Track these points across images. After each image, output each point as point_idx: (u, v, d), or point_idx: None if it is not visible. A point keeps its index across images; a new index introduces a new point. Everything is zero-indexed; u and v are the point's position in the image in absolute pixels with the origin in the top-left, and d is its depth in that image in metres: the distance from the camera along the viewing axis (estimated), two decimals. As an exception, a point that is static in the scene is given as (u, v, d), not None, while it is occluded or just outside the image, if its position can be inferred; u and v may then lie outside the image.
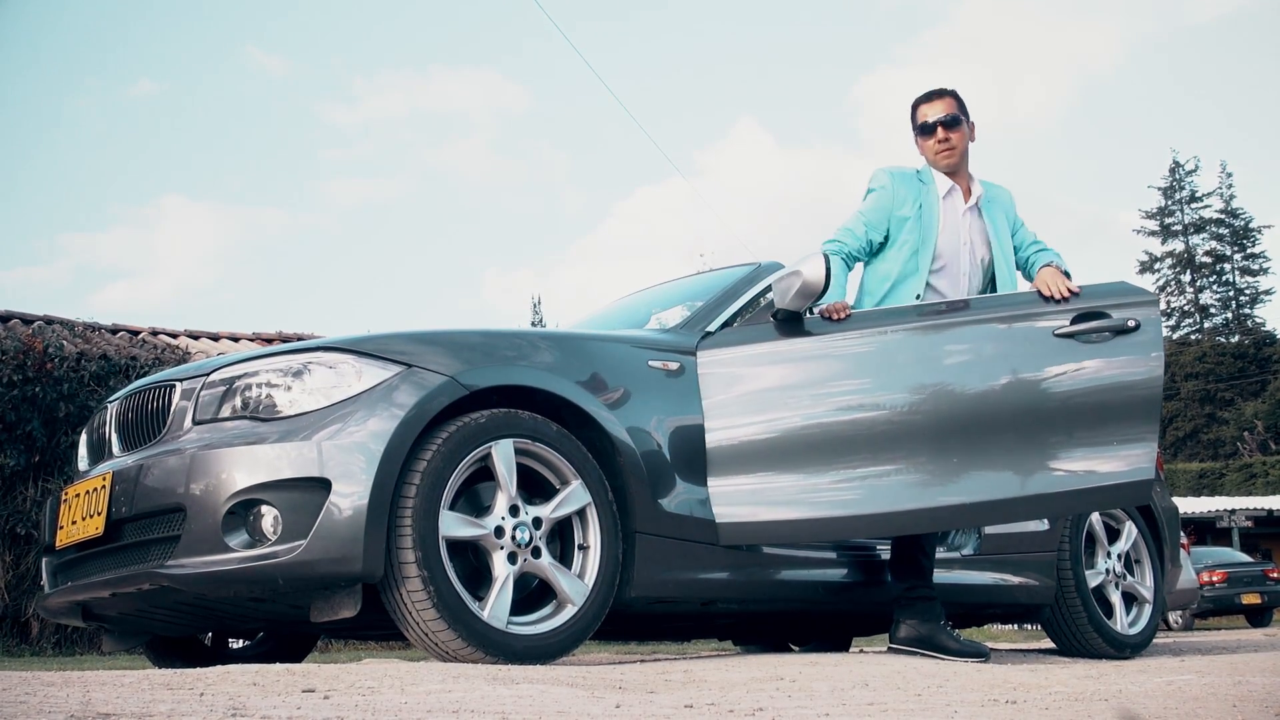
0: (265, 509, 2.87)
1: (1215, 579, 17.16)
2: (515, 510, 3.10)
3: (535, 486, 3.21)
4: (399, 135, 71.60)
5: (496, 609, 2.99)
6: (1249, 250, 51.40)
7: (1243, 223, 51.21)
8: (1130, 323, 3.60)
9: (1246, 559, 19.16)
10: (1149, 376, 3.58)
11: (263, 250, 71.83)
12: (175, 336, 11.41)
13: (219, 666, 2.65)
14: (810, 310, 3.61)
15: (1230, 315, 51.45)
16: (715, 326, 3.75)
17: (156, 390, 3.23)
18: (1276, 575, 17.69)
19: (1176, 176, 51.97)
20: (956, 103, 3.93)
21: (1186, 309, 52.11)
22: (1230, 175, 52.77)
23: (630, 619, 3.71)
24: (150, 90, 67.30)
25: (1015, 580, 4.30)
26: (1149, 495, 3.60)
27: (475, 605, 2.96)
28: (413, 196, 72.02)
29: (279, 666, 2.63)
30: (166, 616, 3.26)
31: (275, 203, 71.53)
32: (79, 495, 3.21)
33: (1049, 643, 5.19)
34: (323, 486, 2.85)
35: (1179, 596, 5.35)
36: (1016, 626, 14.21)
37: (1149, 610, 4.71)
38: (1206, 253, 51.55)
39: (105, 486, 3.08)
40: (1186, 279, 51.79)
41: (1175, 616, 16.90)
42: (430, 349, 3.13)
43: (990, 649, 3.80)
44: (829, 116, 77.36)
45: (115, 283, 70.92)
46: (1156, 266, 51.99)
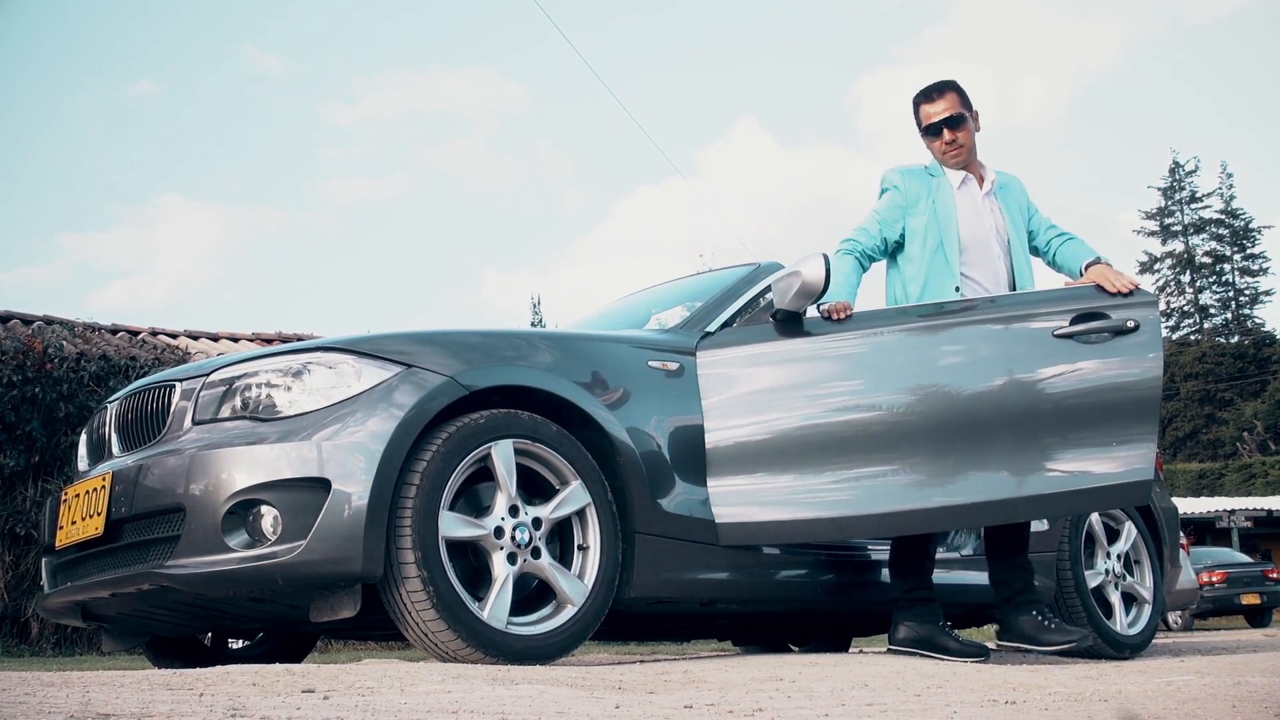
0: (265, 509, 2.87)
1: (1215, 579, 17.16)
2: (515, 511, 3.10)
3: (535, 487, 3.21)
4: (398, 135, 71.66)
5: (496, 609, 2.99)
6: (1249, 251, 51.43)
7: (1243, 223, 51.23)
8: (1129, 323, 3.61)
9: (1246, 559, 19.17)
10: (1148, 377, 3.58)
11: (262, 250, 71.88)
12: (175, 337, 11.42)
13: (219, 667, 2.65)
14: (818, 307, 3.61)
15: (1230, 316, 51.47)
16: (715, 327, 3.75)
17: (156, 390, 3.23)
18: (1276, 576, 17.70)
19: (1176, 177, 52.01)
20: (959, 96, 3.90)
21: (1186, 309, 52.14)
22: (1231, 176, 52.83)
23: (630, 619, 3.71)
24: (149, 90, 67.34)
25: (1015, 580, 4.29)
26: (1148, 496, 3.60)
27: (475, 605, 2.96)
28: (412, 196, 72.07)
29: (279, 667, 2.63)
30: (166, 617, 3.26)
31: (274, 202, 71.58)
32: (79, 495, 3.21)
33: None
34: (322, 487, 2.85)
35: (1178, 597, 5.35)
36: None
37: (1148, 611, 4.71)
38: (1206, 253, 51.57)
39: (105, 487, 3.08)
40: (1186, 279, 51.82)
41: (1175, 617, 16.89)
42: (430, 349, 3.13)
43: (990, 649, 3.79)
44: (829, 116, 77.44)
45: (114, 282, 70.97)
46: (1156, 267, 52.02)
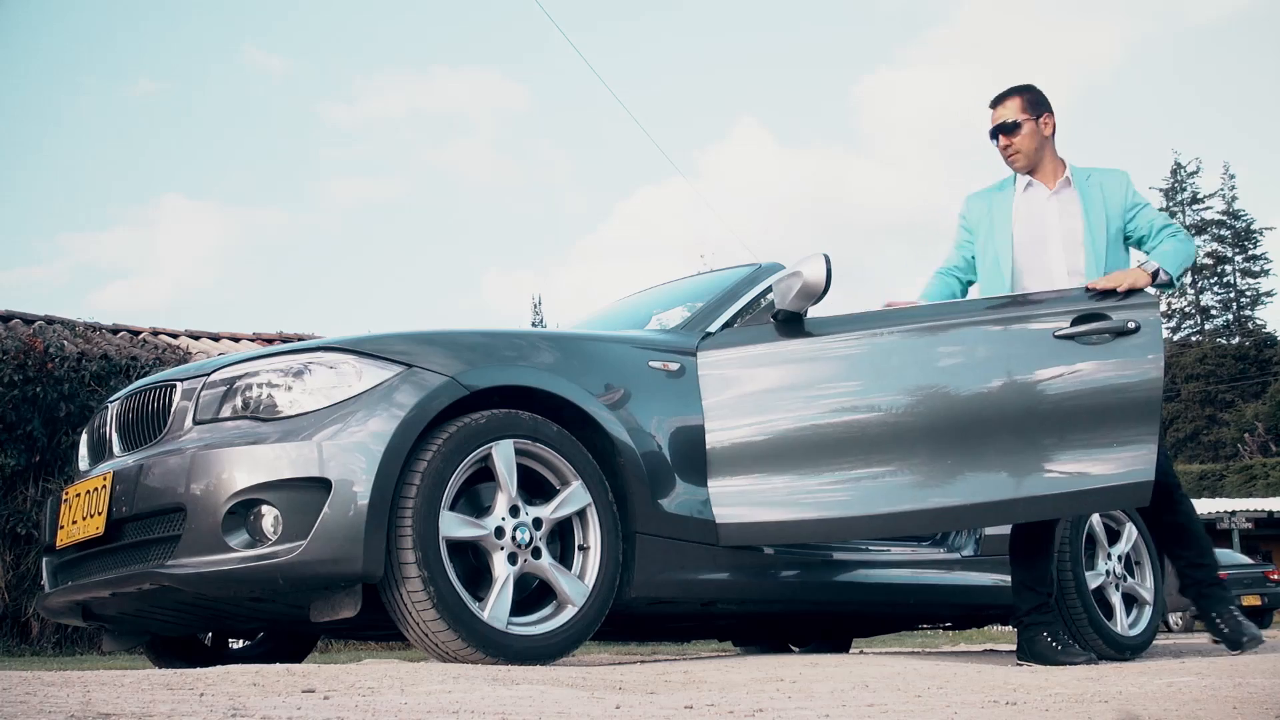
0: (265, 509, 2.87)
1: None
2: (515, 511, 3.10)
3: (535, 487, 3.21)
4: (399, 135, 71.70)
5: (496, 609, 2.99)
6: (1250, 252, 51.43)
7: (1244, 224, 51.22)
8: (1130, 324, 3.60)
9: (1247, 561, 19.14)
10: (1148, 379, 3.57)
11: (263, 250, 71.92)
12: (176, 337, 11.42)
13: (219, 666, 2.65)
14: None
15: (1231, 317, 51.47)
16: (716, 327, 3.75)
17: (157, 390, 3.23)
18: (1277, 577, 17.68)
19: (1178, 178, 52.00)
20: (1023, 102, 3.92)
21: (1187, 310, 52.14)
22: (1233, 177, 52.77)
23: (630, 619, 3.71)
24: (150, 90, 67.38)
25: (1015, 581, 4.29)
26: (1149, 498, 3.60)
27: (475, 606, 2.96)
28: (413, 196, 72.10)
29: (279, 666, 2.63)
30: (166, 616, 3.26)
31: (275, 202, 71.62)
32: (79, 495, 3.21)
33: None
34: (323, 486, 2.85)
35: (1179, 598, 5.34)
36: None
37: (1149, 612, 4.69)
38: (1208, 254, 51.54)
39: (106, 486, 3.08)
40: (1188, 280, 51.78)
41: (1175, 618, 16.88)
42: (431, 349, 3.13)
43: (988, 649, 3.79)
44: (829, 117, 77.45)
45: (115, 282, 71.03)
46: (1158, 268, 51.91)
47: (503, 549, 3.05)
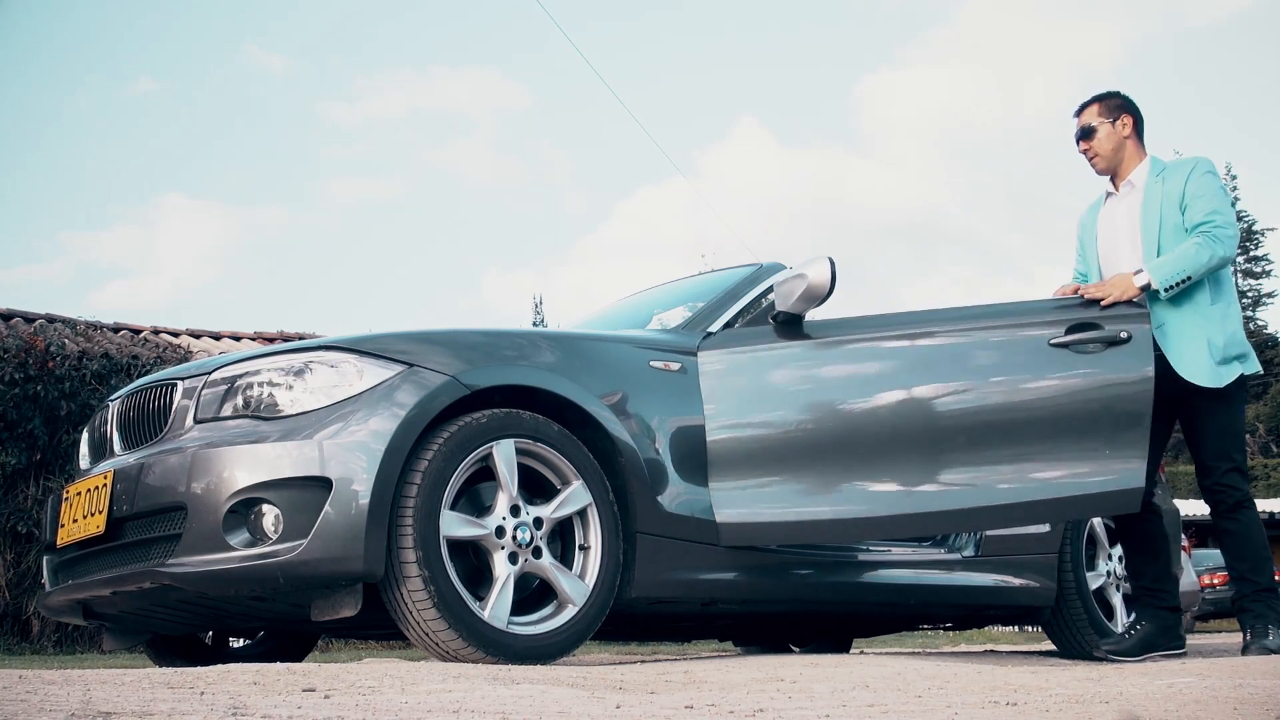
0: (266, 508, 2.88)
1: (1216, 581, 17.14)
2: (516, 510, 3.10)
3: (536, 486, 3.21)
4: (400, 134, 71.68)
5: (497, 609, 2.99)
6: (1252, 253, 51.38)
7: (1246, 225, 51.17)
8: (1122, 334, 3.66)
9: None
10: (1139, 390, 3.62)
11: (263, 249, 71.91)
12: (177, 335, 11.41)
13: (219, 665, 2.65)
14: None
15: (1232, 317, 51.38)
16: (717, 327, 3.75)
17: (158, 389, 3.23)
18: (1277, 578, 17.65)
19: (1179, 178, 51.89)
20: (1100, 108, 3.99)
21: (1188, 311, 52.02)
22: (1235, 178, 52.70)
23: (631, 619, 3.71)
24: (150, 89, 67.36)
25: (1016, 582, 4.30)
26: (1139, 504, 3.67)
27: (476, 605, 2.96)
28: (413, 196, 72.09)
29: (279, 665, 2.63)
30: (167, 615, 3.26)
31: (276, 202, 71.60)
32: (80, 493, 3.22)
33: (1050, 645, 5.19)
34: (324, 486, 2.85)
35: (1180, 599, 5.35)
36: (1017, 628, 14.21)
37: (1150, 613, 4.69)
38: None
39: (106, 485, 3.08)
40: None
41: (1176, 619, 16.86)
42: (432, 348, 3.13)
43: (988, 649, 3.79)
44: (830, 117, 77.40)
45: (115, 281, 71.03)
46: (1159, 268, 51.93)
47: (503, 548, 3.05)
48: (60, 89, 64.34)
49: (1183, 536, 5.28)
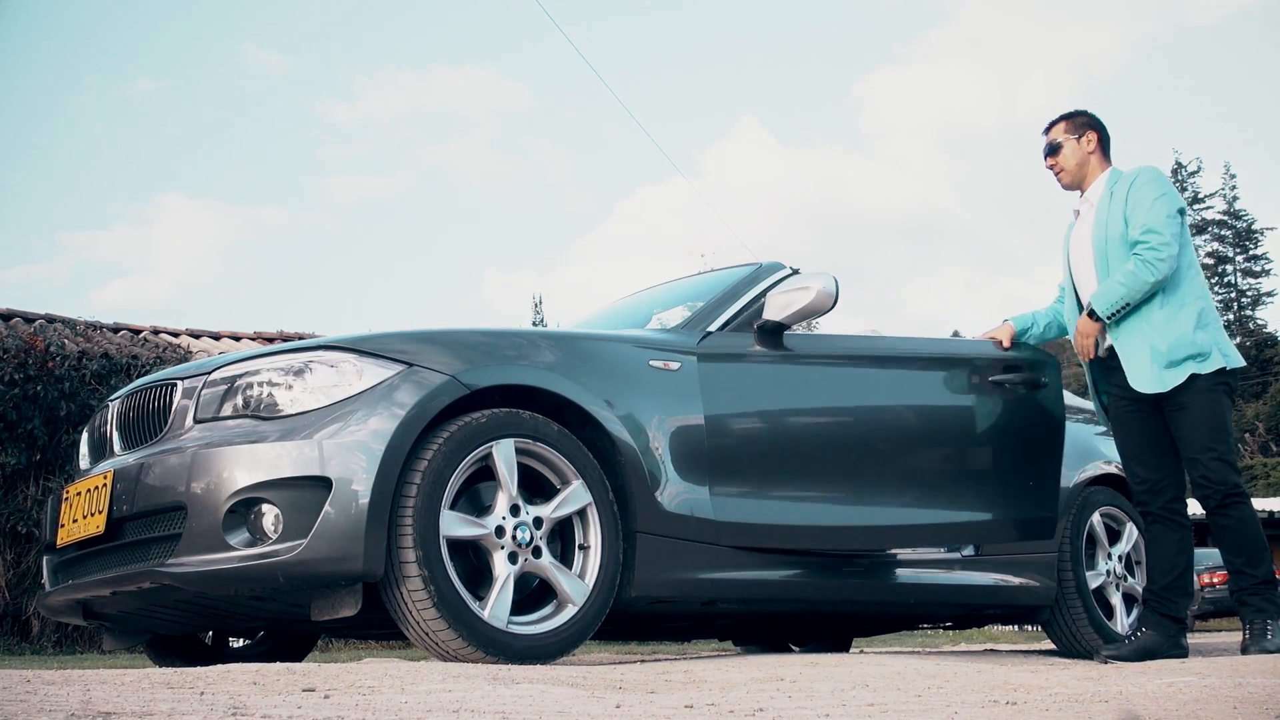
0: (266, 507, 2.87)
1: (1216, 580, 17.13)
2: (516, 510, 3.10)
3: (536, 486, 3.21)
4: (399, 133, 71.74)
5: (497, 609, 2.99)
6: (1251, 252, 51.42)
7: (1245, 224, 51.21)
8: (1041, 379, 4.15)
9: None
10: (1052, 429, 4.13)
11: (263, 248, 71.97)
12: (176, 335, 11.41)
13: (219, 665, 2.65)
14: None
15: (1232, 317, 51.43)
16: (716, 327, 3.76)
17: (158, 389, 3.23)
18: (1277, 577, 17.66)
19: (1179, 178, 51.95)
20: (1066, 125, 4.12)
21: (1188, 310, 51.99)
22: (1234, 177, 52.80)
23: (631, 619, 3.71)
24: (150, 88, 67.40)
25: (1016, 581, 4.30)
26: (1053, 533, 4.13)
27: (476, 605, 2.96)
28: (413, 195, 72.13)
29: (279, 665, 2.63)
30: (167, 615, 3.26)
31: (275, 201, 71.66)
32: (80, 493, 3.22)
33: (1049, 644, 5.19)
34: (323, 485, 2.85)
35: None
36: (1017, 628, 14.22)
37: (1150, 612, 4.70)
38: (1209, 254, 51.53)
39: (106, 485, 3.08)
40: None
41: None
42: (431, 348, 3.13)
43: (988, 649, 3.80)
44: (830, 116, 77.45)
45: (115, 281, 71.13)
46: (1159, 268, 51.89)
47: (503, 548, 3.05)
48: (59, 89, 64.38)
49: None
